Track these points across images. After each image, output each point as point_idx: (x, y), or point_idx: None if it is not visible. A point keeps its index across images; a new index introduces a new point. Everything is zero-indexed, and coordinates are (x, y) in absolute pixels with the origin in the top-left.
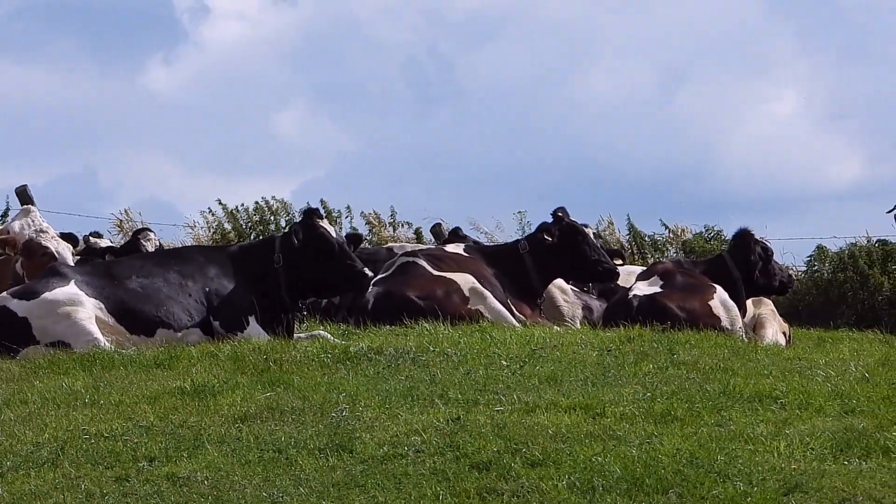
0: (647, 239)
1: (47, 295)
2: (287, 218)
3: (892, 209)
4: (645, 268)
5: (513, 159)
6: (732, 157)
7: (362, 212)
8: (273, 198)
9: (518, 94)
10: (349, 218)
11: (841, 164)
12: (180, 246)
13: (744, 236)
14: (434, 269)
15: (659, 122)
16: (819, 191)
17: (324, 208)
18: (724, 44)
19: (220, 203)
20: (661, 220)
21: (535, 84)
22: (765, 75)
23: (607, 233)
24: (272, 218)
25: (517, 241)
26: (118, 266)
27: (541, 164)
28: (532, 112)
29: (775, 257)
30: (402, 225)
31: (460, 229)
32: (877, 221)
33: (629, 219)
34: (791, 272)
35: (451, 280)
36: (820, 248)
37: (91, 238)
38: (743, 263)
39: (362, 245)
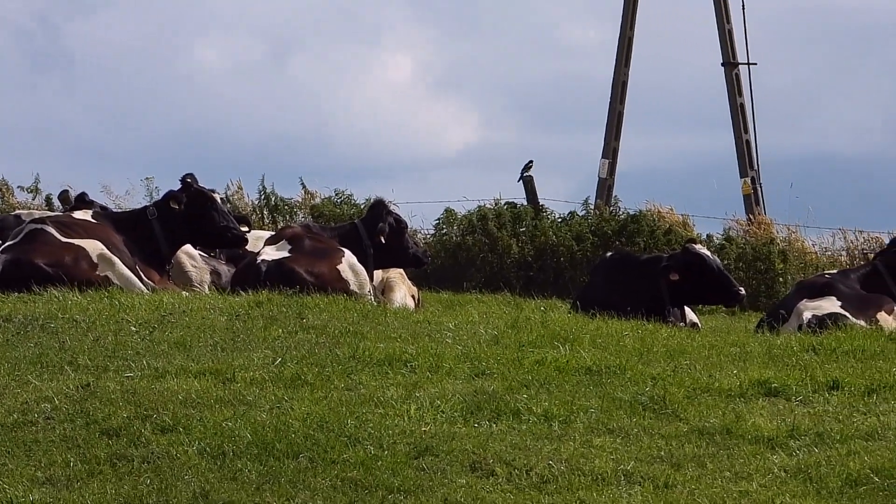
0: (277, 203)
1: None
2: None
3: (521, 174)
4: (274, 232)
5: (131, 126)
6: (352, 123)
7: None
8: None
9: (130, 63)
10: None
11: (456, 129)
12: None
13: (377, 206)
14: (62, 236)
15: (273, 90)
16: (438, 155)
17: None
18: (335, 11)
19: None
20: (300, 178)
21: (148, 52)
22: (378, 43)
23: (236, 198)
24: None
25: (146, 207)
26: None
27: (163, 131)
28: (146, 80)
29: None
30: (33, 191)
31: (86, 195)
32: (505, 184)
33: (262, 182)
34: (420, 235)
35: (79, 247)
36: (448, 210)
37: None
38: (374, 232)
39: None
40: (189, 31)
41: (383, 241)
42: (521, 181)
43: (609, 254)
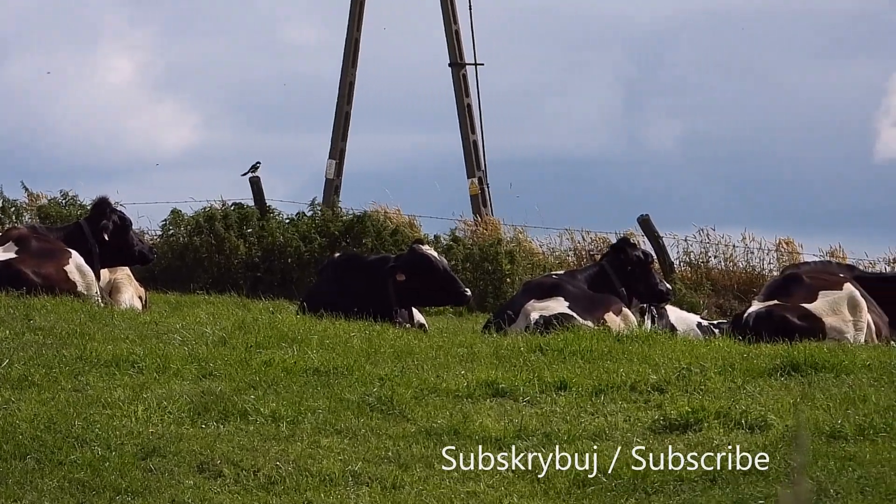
0: (3, 205)
1: None
2: None
3: (247, 171)
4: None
5: None
6: (73, 125)
7: None
8: None
9: None
10: None
11: (178, 130)
12: None
13: (100, 205)
14: None
15: None
16: (160, 156)
17: None
18: (53, 14)
19: None
20: (22, 181)
21: None
22: (97, 45)
23: None
24: None
25: None
26: None
27: None
28: None
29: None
30: None
31: None
32: (229, 185)
33: None
34: (148, 236)
35: None
36: (175, 211)
37: None
38: (99, 231)
39: None
40: None
41: (107, 238)
42: (245, 175)
43: (336, 255)
